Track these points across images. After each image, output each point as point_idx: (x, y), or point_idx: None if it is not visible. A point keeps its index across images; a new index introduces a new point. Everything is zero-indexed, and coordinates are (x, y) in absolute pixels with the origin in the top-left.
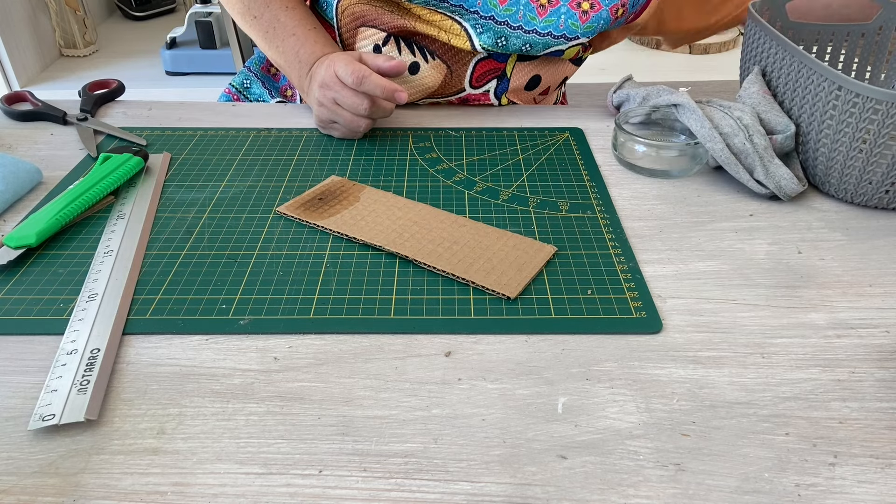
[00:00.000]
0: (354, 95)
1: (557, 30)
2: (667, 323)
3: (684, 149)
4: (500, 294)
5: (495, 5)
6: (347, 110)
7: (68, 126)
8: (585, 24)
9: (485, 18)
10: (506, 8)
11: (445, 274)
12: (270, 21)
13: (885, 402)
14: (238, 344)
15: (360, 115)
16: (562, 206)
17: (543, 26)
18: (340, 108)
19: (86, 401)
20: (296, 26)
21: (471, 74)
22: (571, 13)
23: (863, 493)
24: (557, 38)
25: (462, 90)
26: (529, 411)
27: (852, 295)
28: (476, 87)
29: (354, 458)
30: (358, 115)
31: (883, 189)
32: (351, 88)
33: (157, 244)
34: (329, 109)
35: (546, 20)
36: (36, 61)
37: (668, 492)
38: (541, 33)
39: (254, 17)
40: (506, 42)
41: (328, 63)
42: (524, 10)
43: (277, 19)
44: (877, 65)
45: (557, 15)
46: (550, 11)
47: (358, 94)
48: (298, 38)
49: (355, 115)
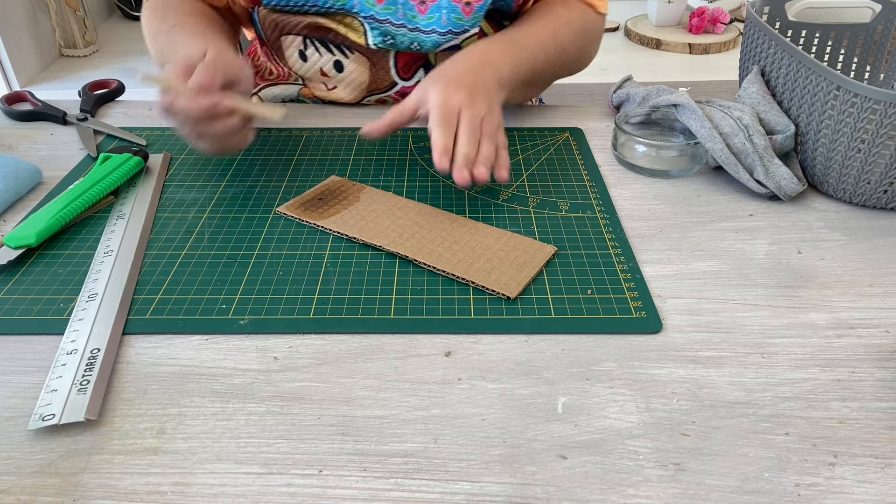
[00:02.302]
0: (174, 123)
1: (441, 26)
2: (667, 323)
3: (684, 149)
4: (500, 294)
5: (373, 5)
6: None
7: (68, 126)
8: (471, 15)
9: (367, 18)
10: (384, 7)
11: (445, 274)
12: (165, 45)
13: (885, 402)
14: (238, 344)
15: (191, 138)
16: (562, 206)
17: (426, 24)
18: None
19: (86, 401)
20: (184, 38)
21: (395, 66)
22: (454, 7)
23: (863, 492)
24: (444, 35)
25: (394, 84)
26: (529, 411)
27: (852, 295)
28: (406, 79)
29: (354, 458)
30: (189, 138)
31: (881, 189)
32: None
33: (157, 244)
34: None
35: (427, 17)
36: (36, 61)
37: (668, 492)
38: (425, 31)
39: (160, 51)
40: (393, 40)
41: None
42: (403, 8)
43: (171, 40)
44: (876, 65)
45: (438, 11)
46: (431, 7)
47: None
48: (183, 45)
49: (188, 138)
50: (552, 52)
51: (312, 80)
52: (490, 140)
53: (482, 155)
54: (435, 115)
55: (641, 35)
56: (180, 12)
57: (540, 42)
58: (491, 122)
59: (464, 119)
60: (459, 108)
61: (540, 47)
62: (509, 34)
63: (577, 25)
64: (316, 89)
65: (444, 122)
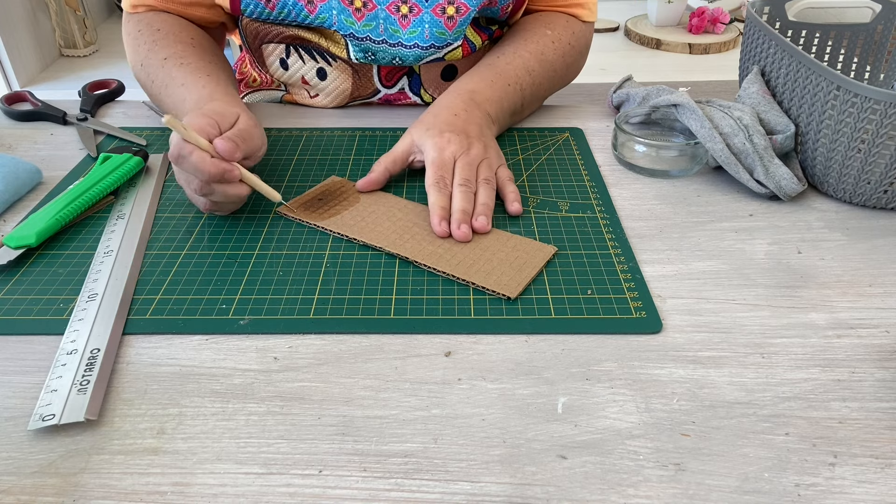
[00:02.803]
0: (178, 171)
1: (423, 40)
2: (667, 323)
3: (684, 149)
4: (501, 294)
5: (352, 23)
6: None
7: (68, 126)
8: (454, 29)
9: (347, 36)
10: (364, 24)
11: (446, 275)
12: (164, 79)
13: (885, 402)
14: (238, 344)
15: (195, 194)
16: (562, 206)
17: (408, 38)
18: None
19: (86, 401)
20: (186, 76)
21: (378, 74)
22: (436, 21)
23: (863, 492)
24: (426, 49)
25: (377, 91)
26: (529, 411)
27: (852, 295)
28: (389, 87)
29: (354, 458)
30: (193, 193)
31: (881, 189)
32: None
33: (157, 244)
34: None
35: (410, 31)
36: (36, 61)
37: (668, 492)
38: (407, 45)
39: (152, 82)
40: (374, 56)
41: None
42: (385, 23)
43: (170, 75)
44: (876, 64)
45: (421, 25)
46: (413, 21)
47: (181, 170)
48: (187, 86)
49: (191, 192)
50: (539, 76)
51: (294, 86)
52: (488, 187)
53: (480, 204)
54: (430, 174)
55: (641, 35)
56: (174, 41)
57: (528, 69)
58: (489, 166)
59: (459, 170)
60: (454, 158)
61: (528, 74)
62: (495, 65)
63: (564, 42)
64: (298, 96)
65: (441, 182)
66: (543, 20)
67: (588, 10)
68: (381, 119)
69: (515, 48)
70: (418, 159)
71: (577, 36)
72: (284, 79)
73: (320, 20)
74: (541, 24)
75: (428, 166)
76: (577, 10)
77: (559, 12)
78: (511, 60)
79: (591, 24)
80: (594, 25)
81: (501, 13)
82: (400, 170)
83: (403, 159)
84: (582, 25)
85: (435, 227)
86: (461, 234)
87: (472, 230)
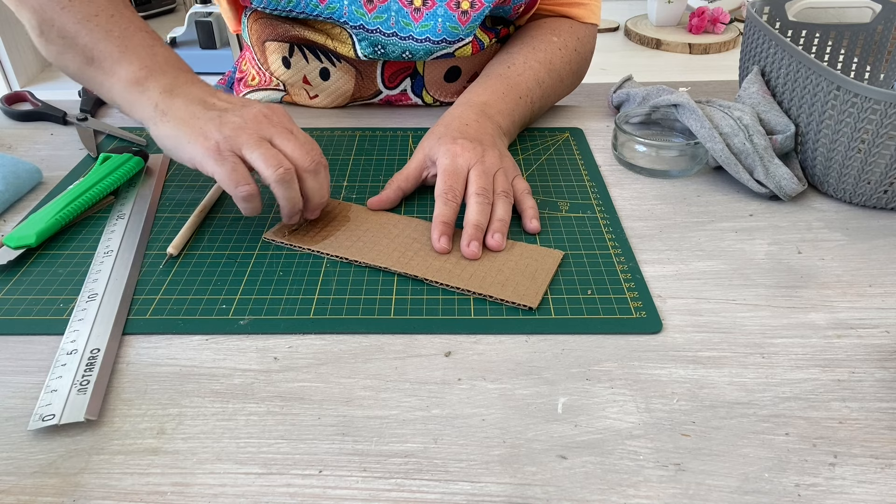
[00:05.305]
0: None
1: (435, 34)
2: (667, 323)
3: (684, 149)
4: (521, 305)
5: (363, 14)
6: (262, 165)
7: (68, 126)
8: (466, 24)
9: (356, 28)
10: (375, 16)
11: (460, 290)
12: (109, 17)
13: (885, 402)
14: (238, 344)
15: (246, 185)
16: (562, 206)
17: (420, 32)
18: (254, 154)
19: (86, 401)
20: (145, 27)
21: (381, 75)
22: (450, 15)
23: (863, 492)
24: (438, 43)
25: (379, 92)
26: (529, 411)
27: (852, 295)
28: (391, 88)
29: (354, 458)
30: (247, 185)
31: (881, 189)
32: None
33: (157, 244)
34: (244, 144)
35: (422, 25)
36: (36, 61)
37: (668, 492)
38: (418, 39)
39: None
40: (384, 50)
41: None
42: (397, 16)
43: (120, 12)
44: (876, 65)
45: (434, 18)
46: (426, 15)
47: (290, 183)
48: (151, 35)
49: (244, 183)
50: (548, 86)
51: (294, 86)
52: (506, 200)
53: (497, 219)
54: (441, 183)
55: (641, 35)
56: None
57: (538, 80)
58: (505, 176)
59: (474, 179)
60: (468, 167)
61: (538, 86)
62: (506, 76)
63: (570, 49)
64: (297, 96)
65: (450, 192)
66: (549, 26)
67: (590, 11)
68: (382, 119)
69: (525, 58)
70: (432, 174)
71: (583, 41)
72: (285, 78)
73: (330, 10)
74: (546, 30)
75: (439, 174)
76: (579, 10)
77: (562, 16)
78: (522, 72)
79: (594, 27)
80: (597, 28)
81: (513, 13)
82: (413, 187)
83: (417, 176)
84: (586, 29)
85: (434, 242)
86: (471, 252)
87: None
